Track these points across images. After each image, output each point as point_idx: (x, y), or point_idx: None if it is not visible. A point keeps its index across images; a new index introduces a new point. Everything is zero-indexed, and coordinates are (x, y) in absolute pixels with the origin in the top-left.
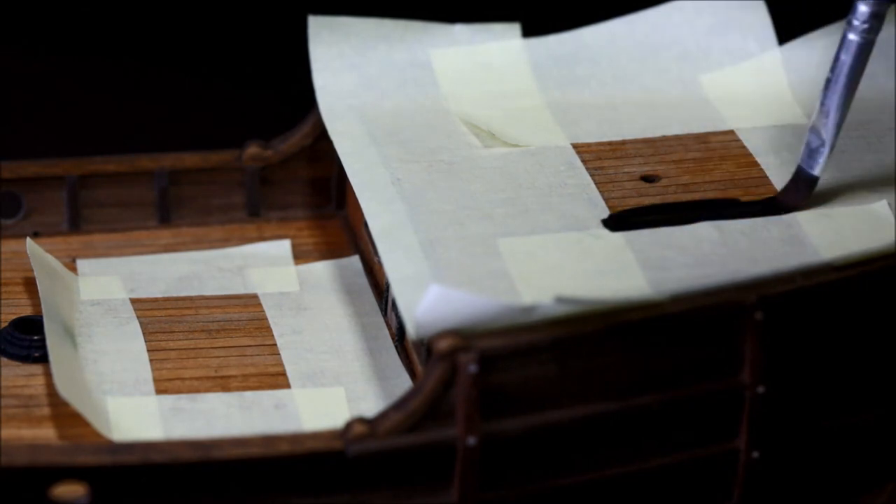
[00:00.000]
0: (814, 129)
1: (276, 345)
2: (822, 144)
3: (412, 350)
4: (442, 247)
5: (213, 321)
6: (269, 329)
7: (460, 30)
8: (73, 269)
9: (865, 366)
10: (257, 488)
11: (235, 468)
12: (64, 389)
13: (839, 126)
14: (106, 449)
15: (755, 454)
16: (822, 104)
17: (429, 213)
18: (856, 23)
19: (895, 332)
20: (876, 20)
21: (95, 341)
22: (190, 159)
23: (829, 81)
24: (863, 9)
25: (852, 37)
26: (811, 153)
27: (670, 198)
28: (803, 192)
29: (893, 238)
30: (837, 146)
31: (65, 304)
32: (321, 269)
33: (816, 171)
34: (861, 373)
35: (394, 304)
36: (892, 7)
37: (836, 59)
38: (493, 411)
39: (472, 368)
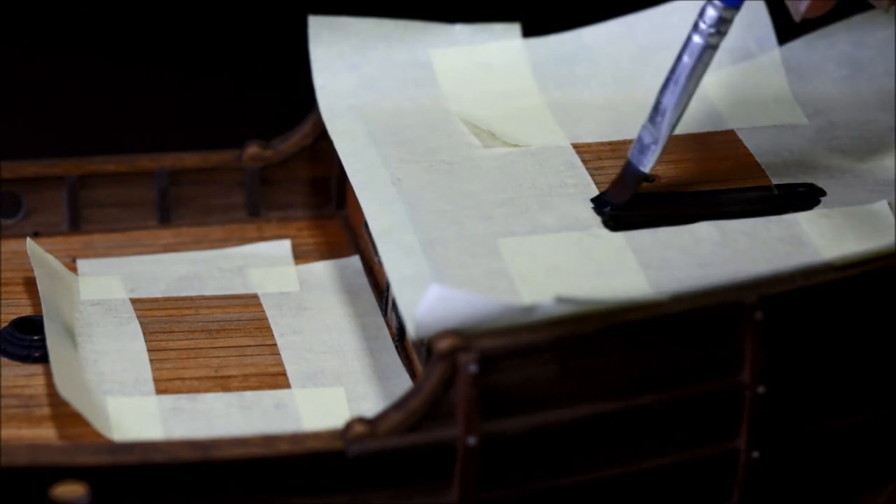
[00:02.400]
0: (647, 127)
1: (276, 345)
2: (655, 142)
3: (412, 350)
4: (442, 247)
5: (213, 321)
6: (269, 329)
7: (460, 30)
8: (73, 269)
9: (866, 366)
10: (257, 488)
11: (235, 468)
12: (64, 389)
13: (673, 126)
14: (106, 449)
15: (755, 454)
16: (659, 102)
17: (429, 213)
18: (702, 26)
19: (895, 332)
20: (723, 25)
21: (95, 341)
22: (190, 159)
23: (667, 81)
24: (711, 13)
25: (697, 39)
26: (642, 149)
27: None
28: (630, 188)
29: (893, 238)
30: (837, 146)
31: (65, 304)
32: (321, 269)
33: (646, 168)
34: (861, 373)
35: (394, 304)
36: (893, 8)
37: (678, 59)
38: (493, 411)
39: (472, 368)
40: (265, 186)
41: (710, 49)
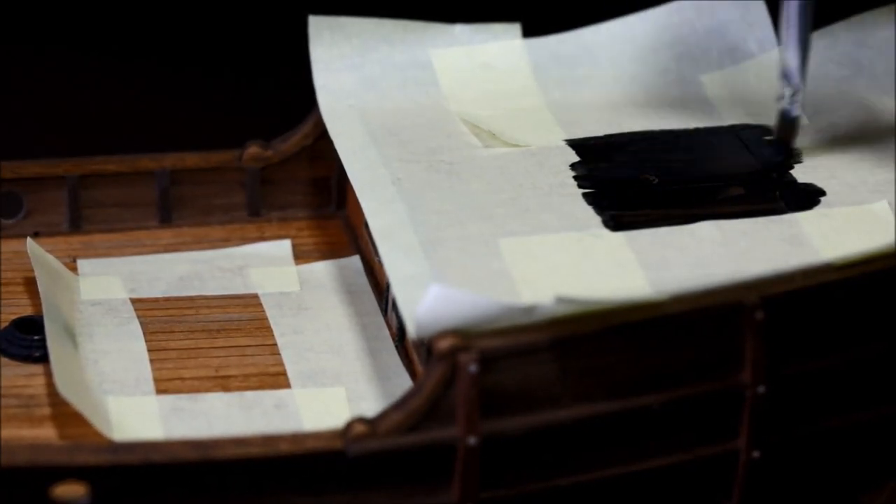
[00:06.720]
0: (784, 80)
1: (276, 345)
2: (795, 90)
3: (412, 350)
4: (442, 247)
5: (213, 321)
6: (269, 329)
7: (460, 30)
8: (74, 268)
9: (866, 366)
10: (257, 488)
11: (235, 468)
12: (64, 389)
13: (805, 64)
14: (106, 449)
15: (755, 454)
16: (784, 57)
17: (429, 213)
18: None
19: (895, 332)
20: None
21: (96, 341)
22: (191, 159)
23: (782, 36)
24: None
25: None
26: (789, 102)
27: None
28: (792, 133)
29: (893, 238)
30: (838, 147)
31: (65, 303)
32: (322, 269)
33: (797, 113)
34: (861, 373)
35: (394, 304)
36: (892, 7)
37: (782, 10)
38: (493, 411)
39: (473, 368)
40: (265, 186)
41: None
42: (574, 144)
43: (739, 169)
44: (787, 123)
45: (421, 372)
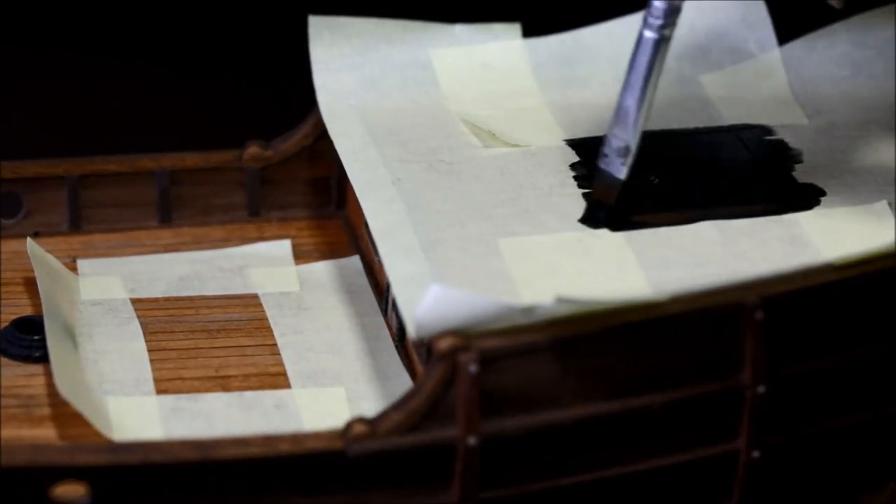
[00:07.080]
0: (613, 133)
1: (276, 345)
2: (626, 147)
3: (412, 350)
4: (442, 247)
5: (213, 321)
6: (269, 329)
7: (460, 30)
8: (74, 269)
9: (866, 366)
10: (257, 488)
11: (235, 468)
12: (64, 389)
13: (641, 127)
14: (106, 449)
15: (755, 454)
16: (620, 107)
17: (429, 213)
18: (651, 20)
19: (895, 332)
20: (671, 16)
21: (96, 341)
22: (190, 159)
23: (626, 82)
24: (657, 4)
25: (649, 34)
26: (614, 155)
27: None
28: (612, 193)
29: (893, 238)
30: (837, 147)
31: (65, 303)
32: (321, 269)
33: (622, 175)
34: (861, 373)
35: (394, 304)
36: (892, 6)
37: (633, 59)
38: (493, 411)
39: (473, 368)
40: (265, 186)
41: (663, 42)
42: (574, 144)
43: (739, 169)
44: (609, 184)
45: (421, 372)
